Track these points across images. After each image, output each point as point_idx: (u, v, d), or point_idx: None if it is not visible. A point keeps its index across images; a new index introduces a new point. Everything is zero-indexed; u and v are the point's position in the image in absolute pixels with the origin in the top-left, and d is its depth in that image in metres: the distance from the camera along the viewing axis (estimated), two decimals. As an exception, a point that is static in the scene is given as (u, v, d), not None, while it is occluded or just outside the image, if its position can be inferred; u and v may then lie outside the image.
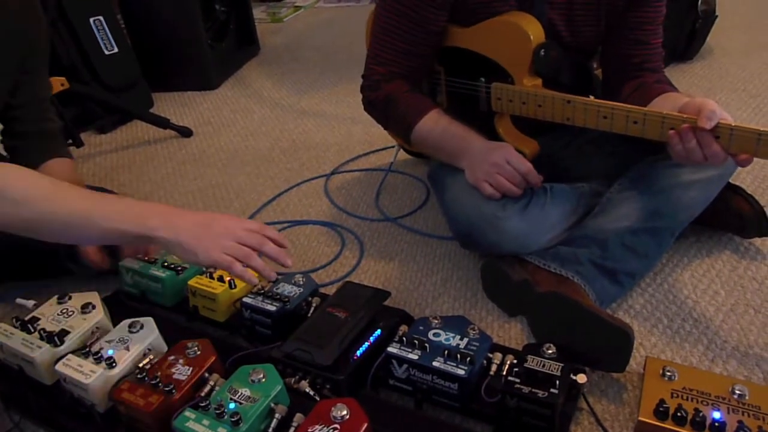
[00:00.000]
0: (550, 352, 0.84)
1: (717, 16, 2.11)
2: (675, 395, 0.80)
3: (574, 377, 0.82)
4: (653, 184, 1.05)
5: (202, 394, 0.83)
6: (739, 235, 1.20)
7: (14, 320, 0.96)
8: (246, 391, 0.80)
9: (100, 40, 2.14)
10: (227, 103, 2.32)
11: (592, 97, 1.03)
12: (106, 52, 2.15)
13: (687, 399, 0.80)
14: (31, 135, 1.20)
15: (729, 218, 1.16)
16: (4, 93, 1.14)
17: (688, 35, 2.10)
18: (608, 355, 0.90)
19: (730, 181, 1.11)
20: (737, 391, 0.79)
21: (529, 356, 0.84)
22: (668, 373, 0.83)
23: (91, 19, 2.11)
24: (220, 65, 2.53)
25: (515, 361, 0.85)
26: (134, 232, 0.81)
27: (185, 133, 2.04)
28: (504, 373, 0.84)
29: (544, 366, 0.82)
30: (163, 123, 2.04)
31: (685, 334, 1.01)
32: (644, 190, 1.06)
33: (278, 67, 2.65)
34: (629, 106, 0.97)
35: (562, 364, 0.82)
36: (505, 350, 0.90)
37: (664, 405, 0.77)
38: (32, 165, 1.16)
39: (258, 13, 3.37)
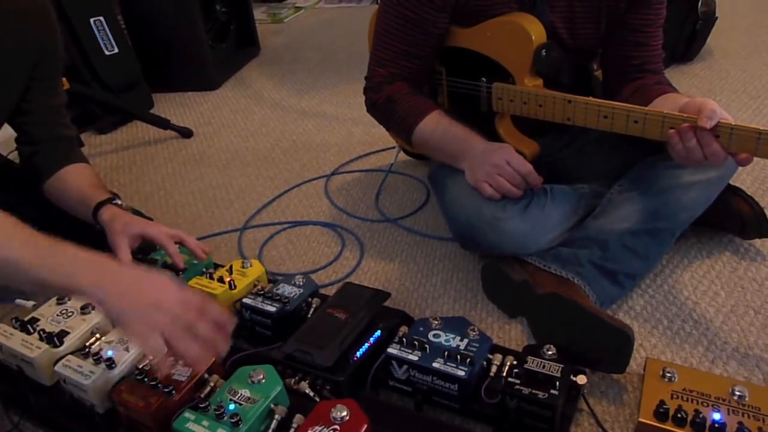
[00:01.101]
0: (550, 353, 0.84)
1: (717, 18, 2.11)
2: (675, 396, 0.80)
3: (574, 378, 0.82)
4: (653, 185, 1.05)
5: (202, 395, 0.83)
6: (739, 237, 1.20)
7: (14, 321, 0.96)
8: (246, 392, 0.79)
9: (100, 41, 2.14)
10: (228, 104, 2.32)
11: (592, 98, 1.03)
12: (107, 53, 2.15)
13: (687, 400, 0.80)
14: (47, 141, 1.19)
15: (729, 219, 1.16)
16: (15, 98, 1.14)
17: (688, 37, 2.10)
18: (608, 356, 0.90)
19: (731, 182, 1.11)
20: (737, 392, 0.79)
21: (529, 357, 0.84)
22: (668, 375, 0.83)
23: (92, 20, 2.11)
24: (220, 66, 2.53)
25: (515, 362, 0.85)
26: (46, 286, 0.72)
27: (185, 133, 2.04)
28: (504, 374, 0.84)
29: (544, 367, 0.82)
30: (163, 123, 2.04)
31: (686, 335, 1.01)
32: (644, 191, 1.06)
33: (279, 68, 2.65)
34: (630, 105, 0.97)
35: (562, 365, 0.82)
36: (505, 351, 0.90)
37: (664, 406, 0.77)
38: (49, 171, 1.17)
39: (258, 13, 3.37)
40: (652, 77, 1.13)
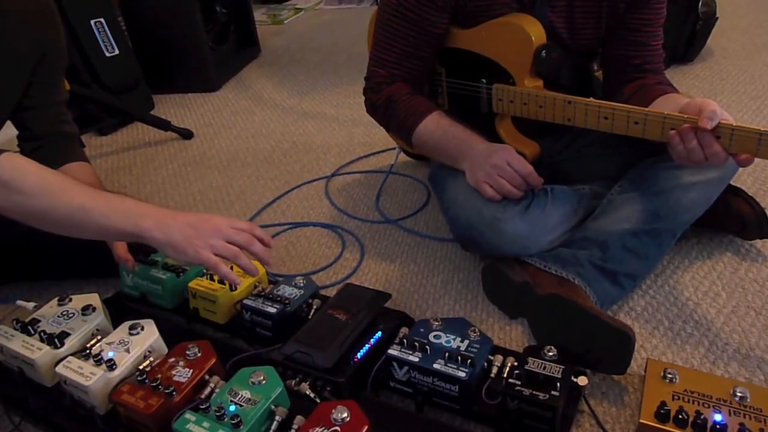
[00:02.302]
0: (551, 354, 0.84)
1: (717, 18, 2.11)
2: (676, 397, 0.80)
3: (575, 379, 0.82)
4: (653, 185, 1.05)
5: (203, 396, 0.83)
6: (740, 237, 1.20)
7: (15, 322, 0.96)
8: (246, 394, 0.79)
9: (100, 42, 2.14)
10: (228, 105, 2.32)
11: (592, 99, 1.03)
12: (107, 54, 2.15)
13: (688, 401, 0.79)
14: (48, 137, 1.20)
15: (730, 220, 1.16)
16: (17, 95, 1.15)
17: (689, 37, 2.10)
18: (609, 357, 0.89)
19: (731, 183, 1.11)
20: (739, 394, 0.79)
21: (530, 358, 0.83)
22: (669, 376, 0.83)
23: (92, 21, 2.11)
24: (220, 67, 2.53)
25: (516, 363, 0.85)
26: (128, 231, 0.84)
27: (186, 135, 2.04)
28: (505, 375, 0.84)
29: (545, 368, 0.82)
30: (163, 125, 2.04)
31: (686, 336, 1.01)
32: (645, 191, 1.06)
33: (279, 69, 2.65)
34: (630, 106, 0.97)
35: (563, 366, 0.82)
36: (505, 352, 0.90)
37: (666, 407, 0.77)
38: (51, 164, 1.17)
39: (259, 15, 3.37)
40: (653, 77, 1.13)
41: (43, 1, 1.14)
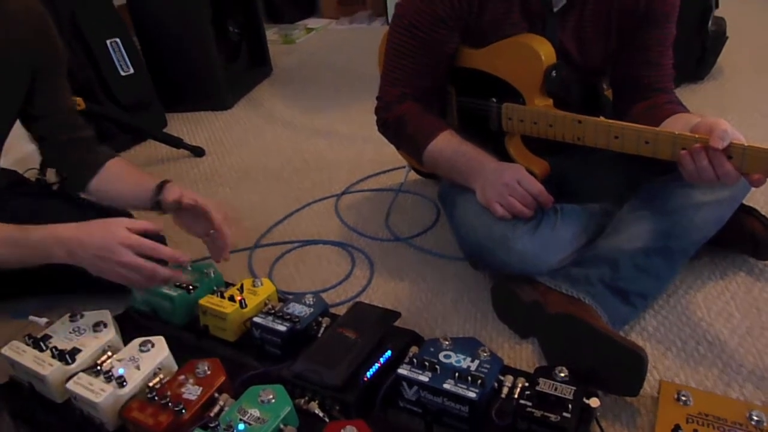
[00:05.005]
0: (562, 374, 0.83)
1: (727, 37, 2.12)
2: (690, 420, 0.79)
3: (586, 401, 0.81)
4: (665, 204, 1.05)
5: (212, 414, 0.82)
6: (753, 257, 1.19)
7: (27, 338, 0.97)
8: (255, 412, 0.79)
9: (116, 61, 2.17)
10: (239, 123, 2.34)
11: (602, 118, 1.03)
12: (122, 73, 2.18)
13: (703, 425, 0.78)
14: (68, 144, 1.22)
15: (743, 239, 1.15)
16: (17, 104, 1.16)
17: (699, 55, 2.10)
18: (621, 379, 0.88)
19: (744, 202, 1.10)
20: (755, 417, 0.78)
21: (541, 379, 0.83)
22: (683, 398, 0.82)
23: (108, 41, 2.15)
24: (232, 86, 2.56)
25: (527, 384, 0.84)
26: (41, 262, 0.94)
27: (198, 152, 2.06)
28: (515, 396, 0.83)
29: (556, 389, 0.81)
30: (175, 142, 2.06)
31: (700, 357, 1.00)
32: (656, 210, 1.05)
33: (290, 88, 2.68)
34: (640, 126, 0.97)
35: (574, 388, 0.81)
36: (516, 372, 0.89)
37: (680, 431, 0.76)
38: (93, 171, 1.21)
39: (270, 34, 3.41)
40: (663, 97, 1.13)
41: (34, 10, 1.14)
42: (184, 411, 0.81)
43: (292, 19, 3.88)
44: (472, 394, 0.81)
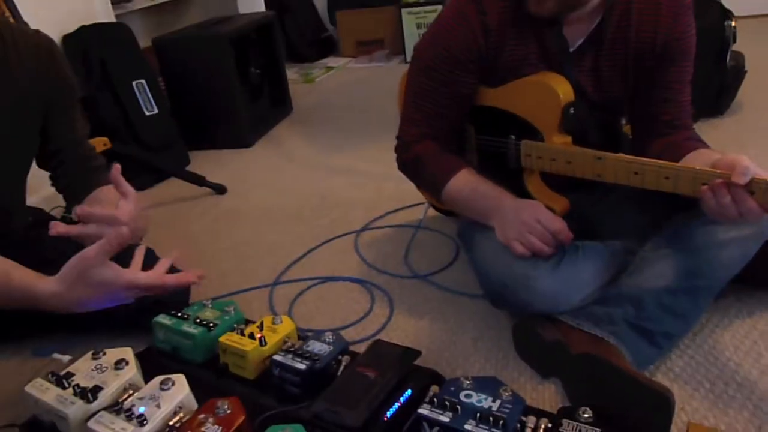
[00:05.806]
0: (586, 416, 0.81)
1: (746, 71, 2.12)
2: (721, 465, 0.76)
3: (612, 443, 0.79)
4: (688, 242, 1.04)
5: (231, 454, 0.82)
6: (781, 294, 1.17)
7: (50, 375, 0.98)
8: (275, 453, 0.78)
9: (141, 102, 2.24)
10: (260, 162, 2.38)
11: (622, 154, 1.03)
12: (147, 113, 2.25)
13: (734, 469, 0.76)
14: (79, 174, 1.25)
15: (769, 276, 1.13)
16: (34, 139, 1.20)
17: (718, 90, 2.10)
18: (648, 420, 0.86)
19: (769, 238, 1.08)
20: (788, 462, 0.75)
21: (565, 420, 0.81)
22: (713, 441, 0.79)
23: (134, 83, 2.22)
24: (254, 124, 2.62)
25: (550, 425, 0.82)
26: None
27: (220, 190, 2.09)
28: (539, 437, 0.82)
29: (580, 431, 0.79)
30: (198, 180, 2.10)
31: (729, 399, 0.97)
32: (679, 248, 1.04)
33: (310, 127, 2.73)
34: (660, 161, 0.97)
35: (599, 429, 0.79)
36: (539, 413, 0.87)
37: (710, 475, 0.74)
38: (84, 192, 1.22)
39: (291, 73, 3.49)
40: (682, 133, 1.13)
41: (43, 44, 1.17)
42: (203, 451, 0.81)
43: (312, 59, 3.97)
44: (494, 436, 0.79)
